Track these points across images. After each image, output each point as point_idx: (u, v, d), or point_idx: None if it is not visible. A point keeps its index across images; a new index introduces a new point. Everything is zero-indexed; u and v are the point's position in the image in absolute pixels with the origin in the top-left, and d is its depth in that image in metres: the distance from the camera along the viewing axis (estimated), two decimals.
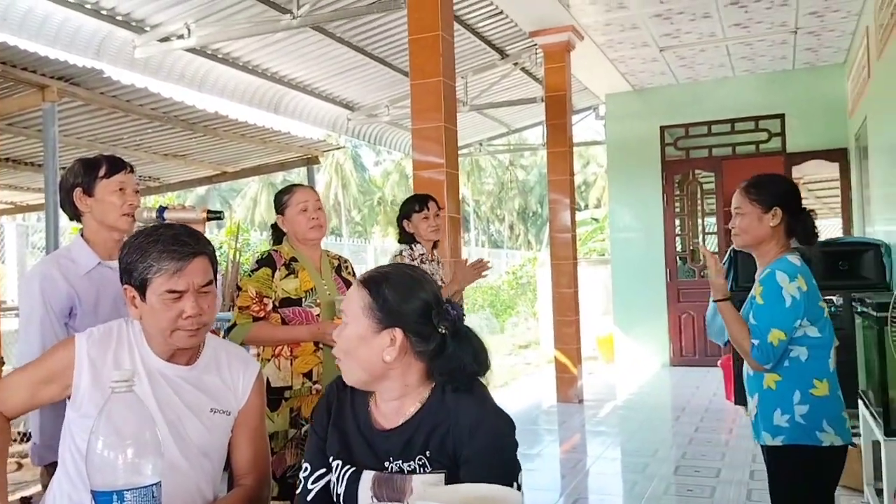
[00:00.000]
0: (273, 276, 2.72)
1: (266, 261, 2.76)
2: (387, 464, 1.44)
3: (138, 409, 1.15)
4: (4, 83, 4.28)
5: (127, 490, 1.10)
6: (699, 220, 9.45)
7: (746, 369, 2.41)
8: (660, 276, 9.05)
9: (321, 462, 1.52)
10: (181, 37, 5.99)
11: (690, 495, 4.14)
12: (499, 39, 7.82)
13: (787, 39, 7.43)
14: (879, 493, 3.32)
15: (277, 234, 2.92)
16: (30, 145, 5.97)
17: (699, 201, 9.45)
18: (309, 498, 1.50)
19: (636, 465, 4.80)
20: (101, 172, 2.17)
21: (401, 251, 3.70)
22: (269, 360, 2.72)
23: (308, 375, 2.72)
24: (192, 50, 6.46)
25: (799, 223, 2.34)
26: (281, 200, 2.87)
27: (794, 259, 2.31)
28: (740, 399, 5.96)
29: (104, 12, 5.73)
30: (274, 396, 2.68)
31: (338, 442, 1.50)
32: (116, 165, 2.21)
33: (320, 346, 2.73)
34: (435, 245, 3.82)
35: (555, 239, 7.16)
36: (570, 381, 6.94)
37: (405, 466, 1.42)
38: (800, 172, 9.49)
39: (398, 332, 1.41)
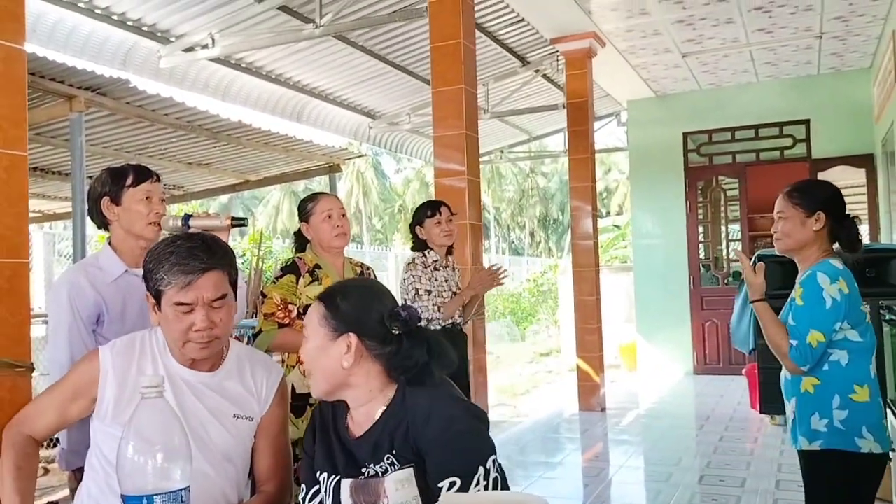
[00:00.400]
0: (297, 283, 2.74)
1: (290, 268, 2.78)
2: (364, 469, 1.48)
3: (167, 415, 1.16)
4: (33, 94, 4.35)
5: (157, 495, 1.11)
6: (723, 227, 9.37)
7: (784, 374, 2.38)
8: (683, 283, 8.97)
9: (313, 481, 1.56)
10: (205, 47, 6.06)
11: None
12: (520, 47, 7.83)
13: (811, 44, 7.36)
14: None
15: (300, 242, 2.93)
16: (57, 155, 6.06)
17: (723, 208, 9.37)
18: None
19: (660, 474, 4.75)
20: (128, 181, 2.20)
21: (413, 259, 3.70)
22: (293, 367, 2.74)
23: None
24: (216, 60, 6.54)
25: (843, 229, 2.32)
26: (305, 208, 2.88)
27: (836, 262, 2.28)
28: (766, 408, 5.87)
29: (130, 23, 5.83)
30: (298, 403, 2.68)
31: (323, 456, 1.56)
32: (143, 174, 2.23)
33: None
34: (450, 251, 3.79)
35: (576, 246, 7.13)
36: (593, 390, 6.90)
37: (378, 469, 1.46)
38: (825, 178, 9.38)
39: (353, 338, 1.47)
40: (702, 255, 9.20)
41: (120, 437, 1.13)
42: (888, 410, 3.55)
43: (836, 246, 2.36)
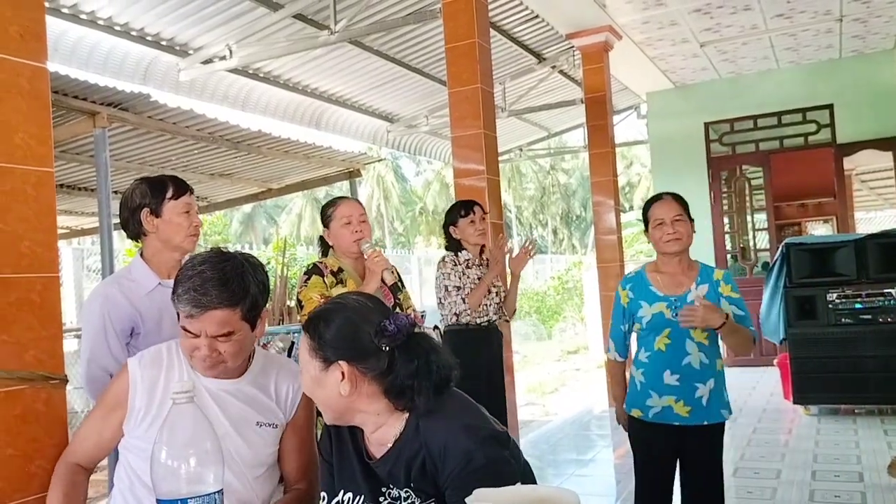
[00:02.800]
0: (325, 283, 2.77)
1: (313, 270, 2.83)
2: (384, 489, 1.44)
3: (199, 420, 1.17)
4: (57, 111, 4.41)
5: (191, 498, 1.12)
6: (748, 217, 9.26)
7: (700, 358, 2.57)
8: None
9: (332, 490, 1.52)
10: (223, 58, 6.12)
11: (750, 497, 4.05)
12: (535, 43, 7.81)
13: (832, 28, 7.26)
14: None
15: (325, 247, 2.97)
16: (83, 171, 6.15)
17: (747, 197, 9.26)
18: None
19: None
20: (169, 194, 2.20)
21: (444, 257, 3.78)
22: None
23: None
24: (234, 70, 6.61)
25: None
26: (326, 213, 2.92)
27: None
28: (799, 398, 5.81)
29: (149, 38, 5.90)
30: None
31: (344, 474, 1.51)
32: (182, 187, 2.24)
33: None
34: (482, 251, 3.86)
35: (600, 241, 7.09)
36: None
37: (400, 493, 1.41)
38: (851, 163, 9.24)
39: (343, 364, 1.40)
40: (728, 246, 9.10)
41: (153, 443, 1.15)
42: None
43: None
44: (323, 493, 1.54)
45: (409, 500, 1.41)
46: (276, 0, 5.80)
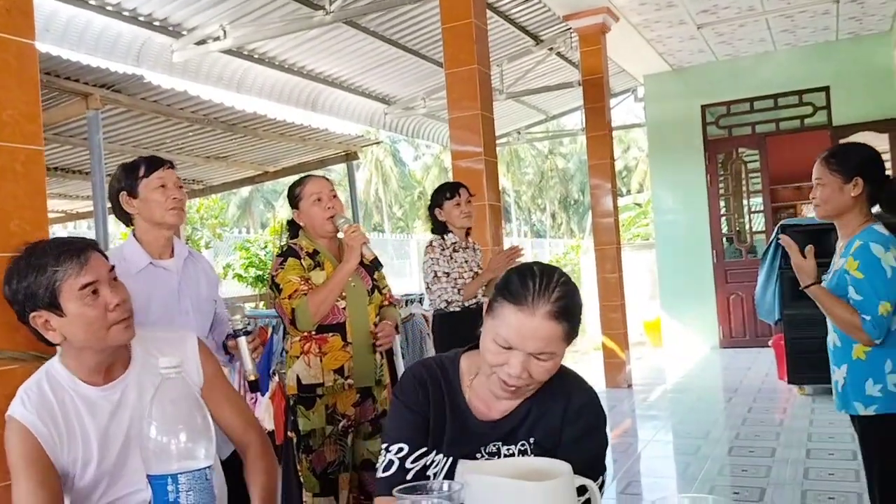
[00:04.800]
0: (303, 265, 2.67)
1: (289, 252, 2.70)
2: (482, 448, 1.40)
3: (188, 395, 1.17)
4: (49, 93, 4.37)
5: (181, 473, 1.12)
6: (745, 200, 9.26)
7: (833, 340, 2.36)
8: (706, 257, 8.89)
9: (422, 440, 1.42)
10: (217, 39, 6.07)
11: (745, 475, 4.07)
12: (532, 25, 7.76)
13: (829, 10, 7.22)
14: None
15: (295, 230, 2.84)
16: (76, 154, 6.11)
17: (744, 180, 9.25)
18: (408, 477, 1.39)
19: (688, 447, 4.73)
20: (141, 173, 2.24)
21: (431, 242, 3.74)
22: (297, 357, 2.68)
23: (339, 372, 2.67)
24: (228, 51, 6.55)
25: (882, 191, 2.28)
26: (294, 194, 2.81)
27: (881, 229, 2.25)
28: (794, 378, 5.83)
29: (142, 18, 5.85)
30: (307, 394, 2.65)
31: (436, 428, 1.43)
32: (154, 163, 2.26)
33: (349, 342, 2.69)
34: (468, 233, 3.82)
35: (597, 224, 7.09)
36: (619, 367, 6.87)
37: (504, 450, 1.39)
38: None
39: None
40: (724, 229, 9.10)
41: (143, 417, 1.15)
42: None
43: (875, 209, 2.31)
44: (401, 446, 1.41)
45: (517, 453, 1.39)
46: None
